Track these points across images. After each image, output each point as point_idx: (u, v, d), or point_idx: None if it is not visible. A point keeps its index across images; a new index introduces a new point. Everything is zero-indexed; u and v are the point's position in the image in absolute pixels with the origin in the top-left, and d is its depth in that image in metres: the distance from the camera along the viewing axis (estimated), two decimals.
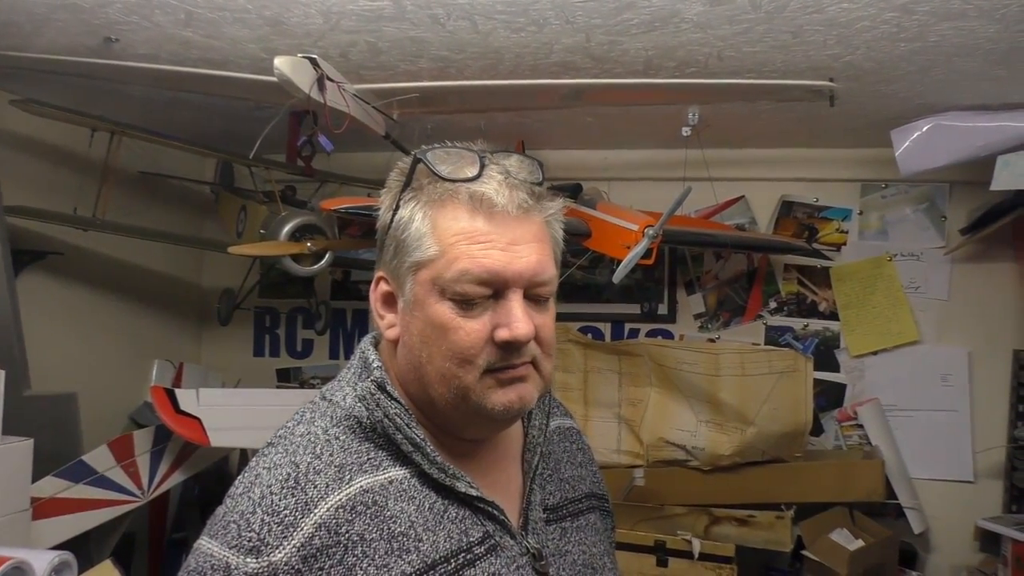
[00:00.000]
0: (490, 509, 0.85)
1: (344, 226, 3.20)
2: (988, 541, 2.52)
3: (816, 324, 2.93)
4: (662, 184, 2.82)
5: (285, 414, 2.39)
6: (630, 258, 2.04)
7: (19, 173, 2.38)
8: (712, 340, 2.95)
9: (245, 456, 2.79)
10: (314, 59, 1.63)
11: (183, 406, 2.20)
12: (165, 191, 3.12)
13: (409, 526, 0.80)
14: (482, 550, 0.83)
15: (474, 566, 0.82)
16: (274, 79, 1.77)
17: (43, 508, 2.00)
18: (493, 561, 0.83)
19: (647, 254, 2.06)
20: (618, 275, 2.08)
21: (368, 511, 0.80)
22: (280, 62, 1.56)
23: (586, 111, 2.52)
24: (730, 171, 2.87)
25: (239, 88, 1.99)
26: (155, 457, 2.34)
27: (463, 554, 0.82)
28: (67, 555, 1.52)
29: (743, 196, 2.98)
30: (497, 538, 0.85)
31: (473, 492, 0.84)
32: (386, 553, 0.78)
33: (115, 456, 2.25)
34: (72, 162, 2.60)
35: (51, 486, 2.07)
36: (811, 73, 2.00)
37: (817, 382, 2.82)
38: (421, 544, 0.80)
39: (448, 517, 0.83)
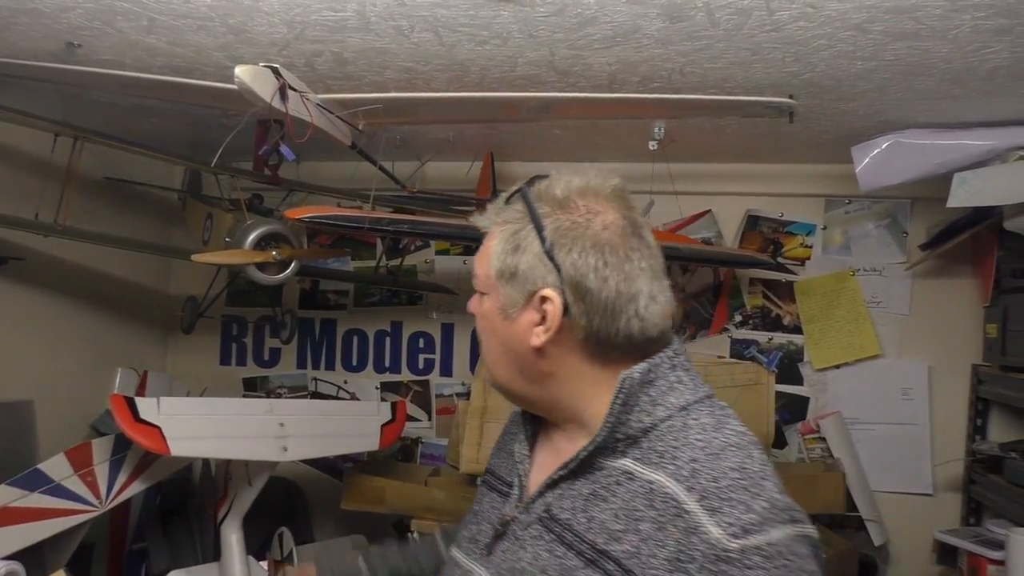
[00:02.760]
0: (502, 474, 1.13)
1: (313, 235, 3.20)
2: (946, 554, 2.56)
3: (780, 337, 2.96)
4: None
5: (249, 424, 2.39)
6: None
7: None
8: None
9: (208, 465, 2.77)
10: (276, 68, 1.64)
11: (143, 415, 2.17)
12: (132, 198, 3.10)
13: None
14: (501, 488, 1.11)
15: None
16: (229, 87, 1.77)
17: None
18: (494, 498, 1.10)
19: None
20: None
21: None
22: (241, 71, 1.56)
23: (554, 124, 2.54)
24: (697, 185, 2.91)
25: (204, 96, 1.99)
26: (114, 466, 2.31)
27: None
28: (15, 565, 1.49)
29: (710, 210, 3.01)
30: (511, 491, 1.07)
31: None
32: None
33: (72, 465, 2.21)
34: (34, 167, 2.58)
35: (4, 495, 2.04)
36: (772, 90, 2.03)
37: (781, 395, 2.86)
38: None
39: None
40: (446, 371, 3.18)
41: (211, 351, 3.37)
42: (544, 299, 0.95)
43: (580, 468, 0.96)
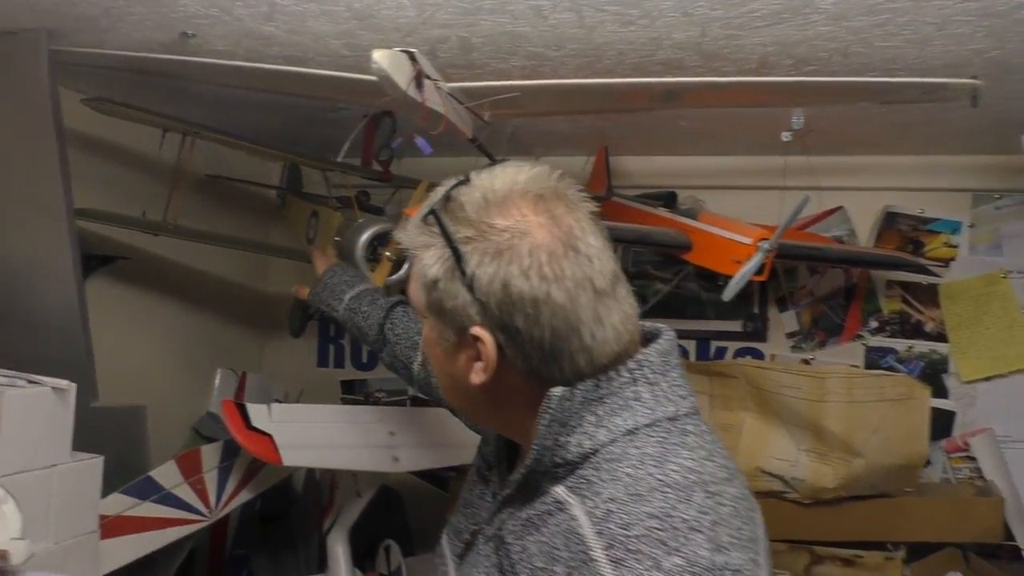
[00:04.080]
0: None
1: None
2: None
3: (922, 346, 2.72)
4: (753, 193, 2.67)
5: (358, 433, 2.29)
6: (743, 274, 1.89)
7: (88, 175, 2.31)
8: (806, 361, 2.77)
9: (312, 473, 2.69)
10: (412, 53, 1.52)
11: (255, 422, 2.10)
12: (229, 195, 3.05)
13: None
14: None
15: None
16: (362, 76, 1.66)
17: (110, 527, 1.91)
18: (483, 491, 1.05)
19: (759, 269, 1.90)
20: (729, 292, 1.92)
21: None
22: (379, 56, 1.44)
23: (679, 114, 2.37)
24: (829, 179, 2.69)
25: (325, 86, 1.89)
26: (223, 474, 2.25)
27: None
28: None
29: (841, 206, 2.79)
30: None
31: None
32: None
33: (182, 472, 2.15)
34: (141, 164, 2.55)
35: (118, 503, 1.98)
36: (944, 71, 1.82)
37: None
38: None
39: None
40: None
41: (308, 353, 3.31)
42: (476, 338, 0.85)
43: (523, 490, 0.88)
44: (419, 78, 1.52)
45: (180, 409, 2.85)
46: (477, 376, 0.87)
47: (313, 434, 2.20)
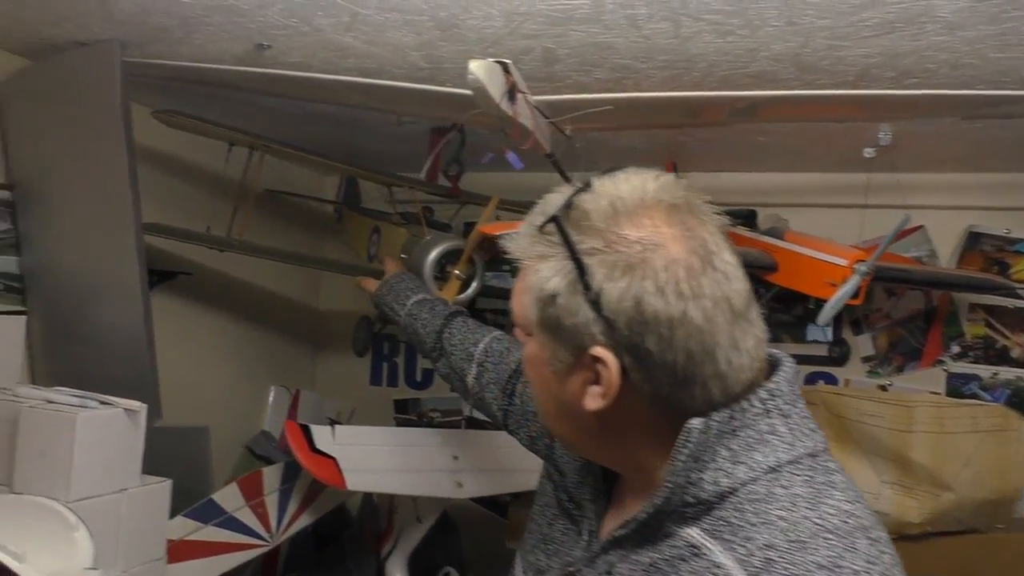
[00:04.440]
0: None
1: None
2: None
3: (1008, 372, 2.59)
4: (831, 211, 2.58)
5: (421, 456, 2.22)
6: (839, 297, 1.79)
7: (152, 189, 2.28)
8: (883, 387, 2.65)
9: (369, 496, 2.62)
10: (506, 64, 1.45)
11: (319, 444, 2.04)
12: (286, 210, 3.02)
13: None
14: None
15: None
16: (451, 90, 1.61)
17: (174, 551, 1.86)
18: (566, 527, 0.98)
19: (855, 293, 1.80)
20: (824, 316, 1.83)
21: None
22: (475, 66, 1.38)
23: (759, 128, 2.28)
24: (910, 197, 2.58)
25: (407, 100, 1.84)
26: (283, 496, 2.19)
27: None
28: None
29: (922, 226, 2.68)
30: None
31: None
32: None
33: (244, 495, 2.10)
34: (205, 178, 2.52)
35: (182, 527, 1.93)
36: None
37: None
38: None
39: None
40: None
41: (361, 370, 3.25)
42: (596, 358, 0.77)
43: (642, 531, 0.81)
44: (512, 91, 1.45)
45: (234, 426, 2.79)
46: (593, 401, 0.80)
47: (377, 457, 2.13)
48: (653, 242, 0.75)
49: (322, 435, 2.07)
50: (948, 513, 2.19)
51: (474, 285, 2.17)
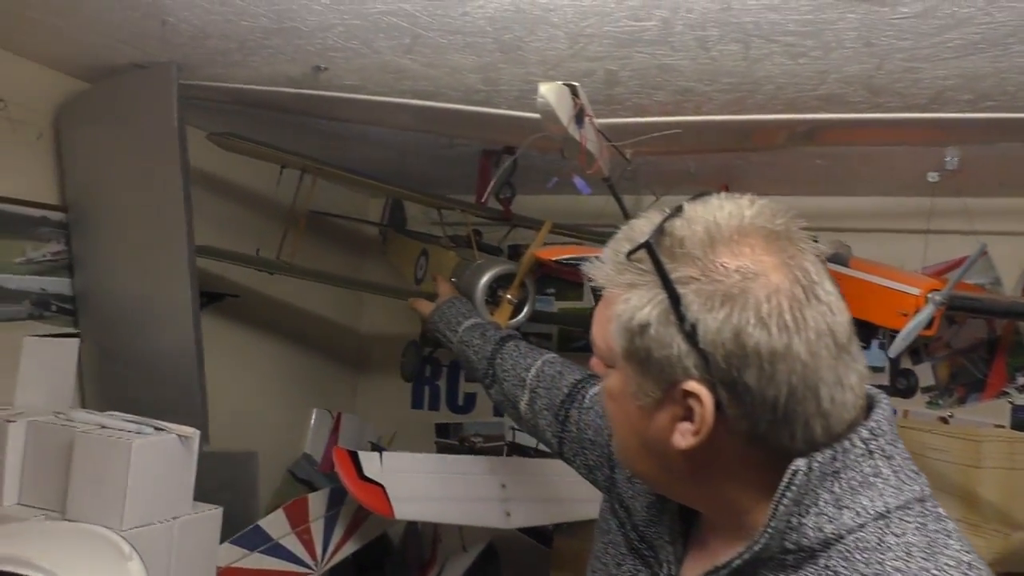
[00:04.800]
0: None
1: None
2: None
3: None
4: (891, 236, 2.51)
5: (469, 485, 2.18)
6: (912, 328, 1.72)
7: (206, 212, 2.28)
8: (944, 419, 2.56)
9: (413, 525, 2.58)
10: (574, 87, 1.42)
11: (367, 471, 2.00)
12: (329, 232, 3.02)
13: None
14: None
15: None
16: (516, 113, 1.58)
17: None
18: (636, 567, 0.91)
19: (928, 323, 1.73)
20: (896, 348, 1.76)
21: None
22: (546, 89, 1.35)
23: (817, 152, 2.23)
24: (973, 223, 2.50)
25: (465, 123, 1.82)
26: (329, 523, 2.16)
27: None
28: None
29: (986, 252, 2.59)
30: None
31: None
32: None
33: (290, 522, 2.07)
34: (254, 201, 2.52)
35: (228, 554, 1.90)
36: None
37: None
38: None
39: None
40: None
41: (402, 393, 3.22)
42: (688, 394, 0.72)
43: None
44: (580, 114, 1.41)
45: (276, 449, 2.78)
46: (683, 439, 0.74)
47: (425, 485, 2.10)
48: (753, 271, 0.71)
49: (370, 462, 2.04)
50: (1019, 553, 2.10)
51: (526, 309, 2.13)
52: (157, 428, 1.56)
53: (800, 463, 0.71)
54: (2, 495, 1.54)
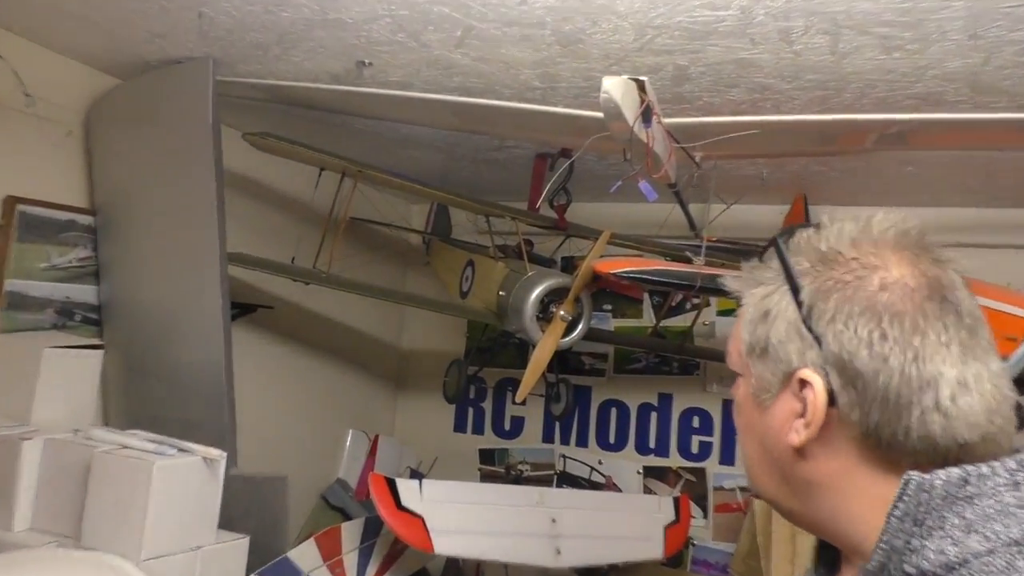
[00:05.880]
0: None
1: None
2: None
3: None
4: (987, 252, 2.38)
5: (516, 518, 2.12)
6: (1021, 355, 1.62)
7: (239, 216, 2.27)
8: None
9: (455, 561, 2.53)
10: (642, 82, 1.37)
11: (405, 501, 1.96)
12: (368, 240, 3.00)
13: None
14: None
15: None
16: (563, 111, 1.53)
17: None
18: None
19: None
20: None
21: None
22: (610, 84, 1.30)
23: (907, 158, 2.14)
24: None
25: (515, 122, 1.77)
26: (363, 556, 2.12)
27: None
28: None
29: None
30: None
31: None
32: None
33: (322, 554, 2.04)
34: (291, 206, 2.52)
35: None
36: None
37: None
38: None
39: None
40: (727, 458, 2.81)
41: (444, 415, 3.19)
42: (803, 383, 0.75)
43: None
44: (648, 112, 1.36)
45: (308, 472, 2.76)
46: (796, 434, 0.76)
47: (467, 518, 2.05)
48: (871, 264, 0.74)
49: (409, 490, 2.00)
50: None
51: (580, 327, 2.08)
52: (181, 449, 1.54)
53: (913, 474, 0.71)
54: (13, 519, 1.53)
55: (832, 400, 0.73)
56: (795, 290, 0.76)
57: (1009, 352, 1.68)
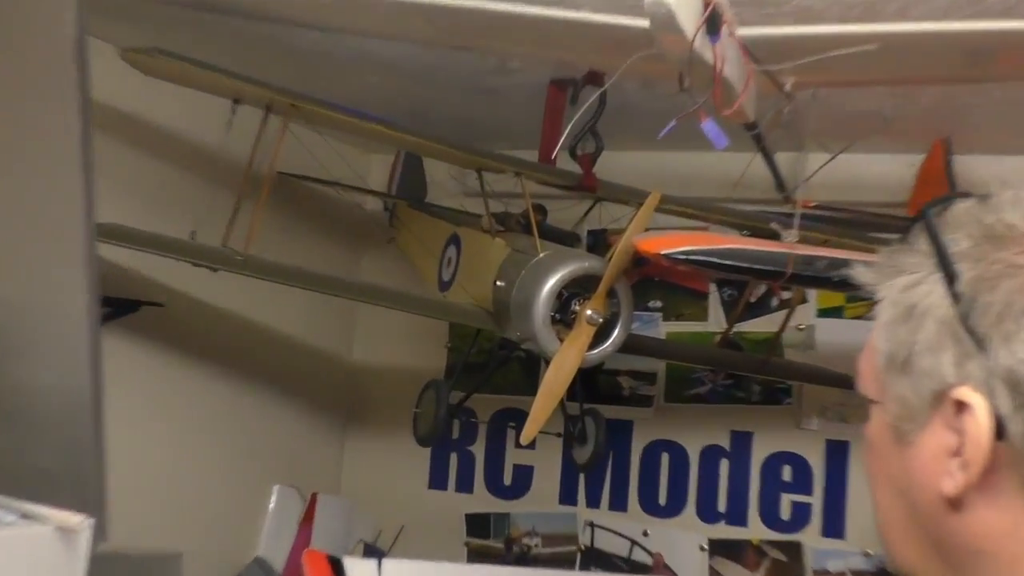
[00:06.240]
0: None
1: None
2: None
3: None
4: None
5: None
6: None
7: (115, 172, 2.30)
8: None
9: None
10: None
11: None
12: (307, 206, 3.04)
13: None
14: None
15: None
16: (592, 17, 1.57)
17: None
18: None
19: None
20: None
21: None
22: None
23: None
24: None
25: (519, 33, 1.81)
26: None
27: None
28: None
29: None
30: None
31: None
32: None
33: None
34: (191, 156, 2.55)
35: None
36: None
37: None
38: None
39: None
40: (833, 528, 2.88)
41: (415, 464, 3.25)
42: (960, 406, 0.79)
43: None
44: (714, 21, 1.41)
45: (216, 547, 2.82)
46: (951, 479, 0.81)
47: None
48: None
49: (361, 573, 2.04)
50: None
51: (616, 333, 2.12)
52: (25, 515, 1.56)
53: None
54: None
55: (1001, 431, 0.77)
56: (950, 277, 0.80)
57: None
